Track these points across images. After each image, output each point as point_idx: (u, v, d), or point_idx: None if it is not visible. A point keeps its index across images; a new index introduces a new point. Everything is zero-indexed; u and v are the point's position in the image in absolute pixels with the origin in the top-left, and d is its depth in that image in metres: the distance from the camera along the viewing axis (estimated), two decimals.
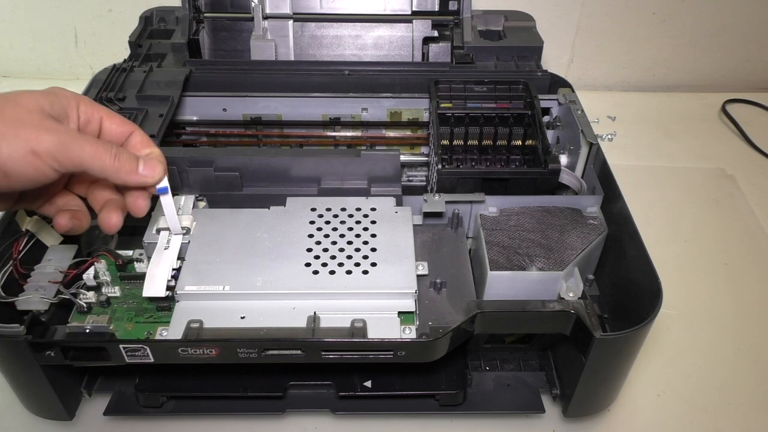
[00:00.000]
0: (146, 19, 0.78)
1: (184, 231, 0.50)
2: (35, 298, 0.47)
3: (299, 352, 0.45)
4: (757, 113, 1.02)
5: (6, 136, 0.37)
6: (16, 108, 0.38)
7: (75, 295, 0.48)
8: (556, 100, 0.66)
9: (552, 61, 1.03)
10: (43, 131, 0.38)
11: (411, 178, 0.68)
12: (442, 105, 0.63)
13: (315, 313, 0.46)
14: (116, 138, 0.44)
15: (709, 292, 0.71)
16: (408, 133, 0.71)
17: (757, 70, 1.07)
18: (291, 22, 0.75)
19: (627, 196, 0.54)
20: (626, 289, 0.52)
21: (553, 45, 1.00)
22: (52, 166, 0.38)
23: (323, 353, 0.45)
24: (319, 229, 0.52)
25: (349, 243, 0.51)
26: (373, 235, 0.52)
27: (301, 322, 0.46)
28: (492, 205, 0.54)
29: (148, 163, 0.43)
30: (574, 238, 0.52)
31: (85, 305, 0.48)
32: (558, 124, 0.67)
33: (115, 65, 0.69)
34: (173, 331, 0.45)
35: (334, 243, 0.51)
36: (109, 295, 0.49)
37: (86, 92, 0.65)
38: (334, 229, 0.52)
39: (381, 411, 0.56)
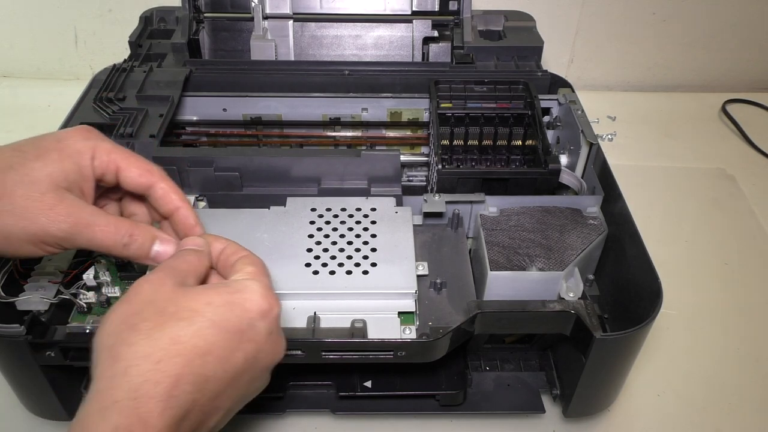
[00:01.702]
0: (146, 19, 0.78)
1: None
2: (35, 298, 0.47)
3: (299, 352, 0.45)
4: (757, 113, 1.02)
5: (15, 228, 0.37)
6: (28, 189, 0.37)
7: (75, 295, 0.48)
8: (556, 100, 0.66)
9: (552, 61, 1.03)
10: (53, 223, 0.37)
11: (411, 178, 0.67)
12: (442, 105, 0.63)
13: (315, 313, 0.46)
14: (135, 189, 0.42)
15: (709, 292, 0.71)
16: (408, 133, 0.71)
17: (757, 70, 1.07)
18: (291, 22, 0.75)
19: (627, 196, 0.54)
20: (626, 289, 0.52)
21: (553, 45, 1.00)
22: (60, 249, 0.39)
23: (323, 353, 0.45)
24: (319, 229, 0.52)
25: (349, 243, 0.51)
26: (373, 236, 0.52)
27: (301, 323, 0.46)
28: (492, 205, 0.54)
29: (163, 244, 0.41)
30: (574, 238, 0.52)
31: (85, 305, 0.48)
32: (558, 124, 0.67)
33: (115, 65, 0.69)
34: None
35: (334, 243, 0.51)
36: (109, 295, 0.49)
37: (86, 92, 0.65)
38: (334, 230, 0.52)
39: (381, 411, 0.56)
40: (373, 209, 0.54)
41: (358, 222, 0.53)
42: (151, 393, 0.30)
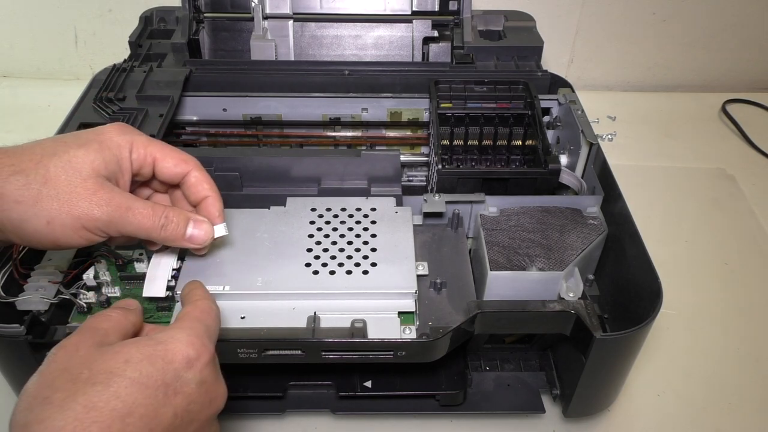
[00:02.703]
0: (146, 19, 0.78)
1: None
2: (35, 298, 0.47)
3: (299, 352, 0.45)
4: (757, 113, 1.02)
5: (60, 213, 0.37)
6: (71, 175, 0.38)
7: (75, 295, 0.48)
8: (556, 100, 0.66)
9: (552, 61, 1.03)
10: (95, 206, 0.38)
11: (411, 178, 0.68)
12: (442, 105, 0.63)
13: (315, 313, 0.46)
14: (171, 179, 0.44)
15: (709, 292, 0.71)
16: (408, 133, 0.71)
17: (757, 70, 1.07)
18: (291, 22, 0.75)
19: (627, 196, 0.54)
20: (626, 289, 0.52)
21: (553, 45, 1.00)
22: (100, 236, 0.39)
23: (323, 353, 0.45)
24: (319, 229, 0.52)
25: (349, 243, 0.51)
26: (373, 235, 0.52)
27: (301, 322, 0.46)
28: (492, 205, 0.54)
29: (197, 227, 0.43)
30: (574, 238, 0.52)
31: (85, 305, 0.48)
32: (558, 124, 0.67)
33: (115, 65, 0.69)
34: None
35: (334, 243, 0.51)
36: (109, 295, 0.49)
37: (86, 92, 0.65)
38: (334, 229, 0.52)
39: (381, 411, 0.56)
40: (373, 209, 0.54)
41: (358, 222, 0.53)
42: None
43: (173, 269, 0.48)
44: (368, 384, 0.55)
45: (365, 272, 0.48)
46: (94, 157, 0.39)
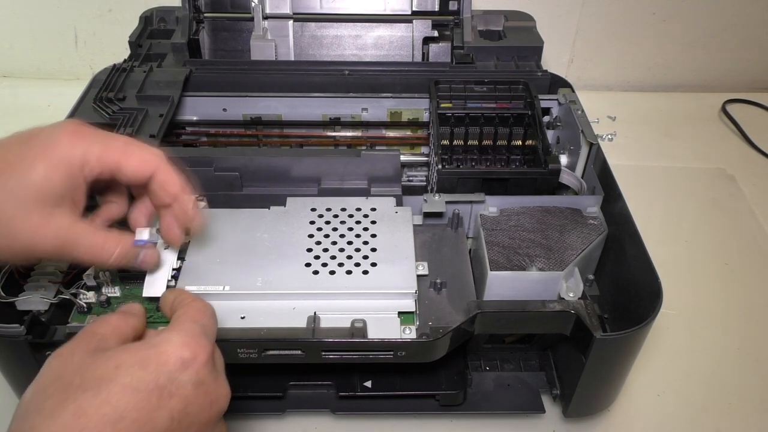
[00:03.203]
0: (146, 19, 0.78)
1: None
2: (35, 298, 0.47)
3: (299, 352, 0.45)
4: (757, 113, 1.02)
5: (5, 242, 0.36)
6: (14, 206, 0.35)
7: (75, 295, 0.48)
8: (556, 100, 0.66)
9: (552, 61, 1.03)
10: (39, 242, 0.36)
11: (411, 178, 0.68)
12: (442, 105, 0.63)
13: (315, 313, 0.46)
14: (134, 184, 0.41)
15: (709, 292, 0.71)
16: (408, 133, 0.71)
17: (757, 70, 1.07)
18: (291, 22, 0.75)
19: (627, 196, 0.54)
20: (626, 289, 0.52)
21: (553, 45, 1.00)
22: (48, 259, 0.39)
23: (323, 353, 0.45)
24: (319, 229, 0.52)
25: (349, 243, 0.51)
26: (373, 235, 0.52)
27: (301, 322, 0.46)
28: (492, 205, 0.54)
29: (146, 256, 0.43)
30: (574, 238, 0.52)
31: (85, 305, 0.48)
32: (558, 124, 0.67)
33: (115, 65, 0.69)
34: None
35: (334, 243, 0.51)
36: (109, 295, 0.49)
37: (86, 92, 0.65)
38: (334, 229, 0.52)
39: (381, 411, 0.56)
40: (373, 209, 0.54)
41: (358, 222, 0.53)
42: None
43: (173, 269, 0.48)
44: (368, 384, 0.55)
45: (365, 272, 0.48)
46: (42, 182, 0.36)
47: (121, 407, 0.30)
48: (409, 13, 0.75)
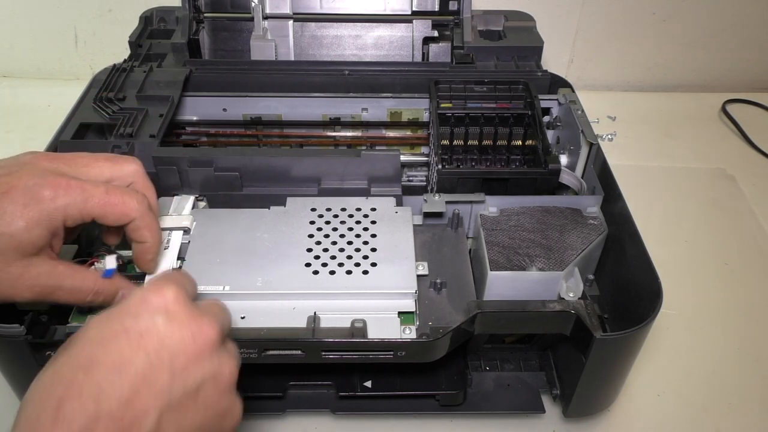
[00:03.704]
0: (146, 19, 0.78)
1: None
2: None
3: (299, 352, 0.45)
4: (757, 113, 1.02)
5: None
6: None
7: None
8: (556, 100, 0.66)
9: (552, 61, 1.03)
10: (21, 290, 0.37)
11: (411, 178, 0.67)
12: (442, 105, 0.63)
13: (315, 313, 0.46)
14: (116, 225, 0.41)
15: (709, 292, 0.71)
16: (408, 133, 0.71)
17: (757, 70, 1.07)
18: (291, 22, 0.75)
19: (627, 196, 0.54)
20: (626, 289, 0.52)
21: (553, 45, 1.00)
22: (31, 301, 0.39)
23: (323, 353, 0.45)
24: (319, 229, 0.52)
25: (349, 243, 0.51)
26: (373, 235, 0.52)
27: (301, 322, 0.46)
28: (492, 205, 0.54)
29: (126, 297, 0.42)
30: (574, 238, 0.52)
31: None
32: (558, 124, 0.67)
33: (115, 65, 0.69)
34: None
35: (334, 243, 0.51)
36: None
37: (86, 92, 0.65)
38: (334, 229, 0.52)
39: (381, 411, 0.56)
40: (373, 209, 0.54)
41: (358, 222, 0.53)
42: (37, 425, 0.29)
43: (173, 269, 0.48)
44: (368, 384, 0.55)
45: (365, 272, 0.48)
46: (22, 236, 0.36)
47: (90, 355, 0.30)
48: (409, 13, 0.75)
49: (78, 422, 0.28)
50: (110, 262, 0.45)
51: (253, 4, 0.73)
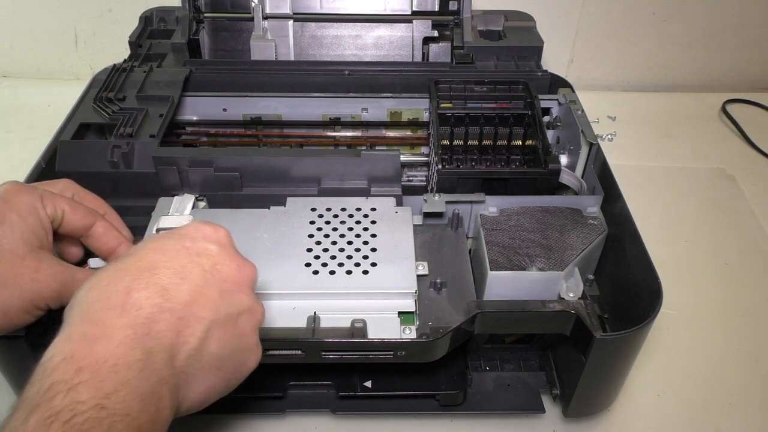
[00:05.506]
0: (146, 19, 0.78)
1: None
2: None
3: (299, 352, 0.45)
4: (757, 113, 1.02)
5: (12, 299, 0.38)
6: (8, 257, 0.38)
7: None
8: (556, 100, 0.66)
9: (552, 61, 1.03)
10: (42, 285, 0.39)
11: (411, 178, 0.68)
12: (442, 105, 0.63)
13: (315, 313, 0.46)
14: (77, 231, 0.44)
15: (709, 292, 0.71)
16: (408, 133, 0.71)
17: (757, 70, 1.07)
18: (291, 22, 0.75)
19: (627, 196, 0.54)
20: (626, 289, 0.52)
21: (553, 45, 1.00)
22: (44, 311, 0.41)
23: (323, 353, 0.45)
24: (319, 229, 0.52)
25: (349, 243, 0.51)
26: (373, 235, 0.52)
27: (301, 322, 0.46)
28: (492, 205, 0.54)
29: None
30: (574, 238, 0.52)
31: None
32: (558, 124, 0.67)
33: (115, 65, 0.69)
34: None
35: (334, 243, 0.51)
36: None
37: (86, 92, 0.65)
38: (334, 229, 0.52)
39: (381, 411, 0.56)
40: (373, 209, 0.54)
41: (358, 222, 0.53)
42: (107, 305, 0.31)
43: None
44: (368, 384, 0.55)
45: (365, 272, 0.48)
46: (21, 230, 0.39)
47: (154, 260, 0.34)
48: (409, 13, 0.75)
49: (146, 310, 0.31)
50: (97, 263, 0.47)
51: (253, 4, 0.73)
